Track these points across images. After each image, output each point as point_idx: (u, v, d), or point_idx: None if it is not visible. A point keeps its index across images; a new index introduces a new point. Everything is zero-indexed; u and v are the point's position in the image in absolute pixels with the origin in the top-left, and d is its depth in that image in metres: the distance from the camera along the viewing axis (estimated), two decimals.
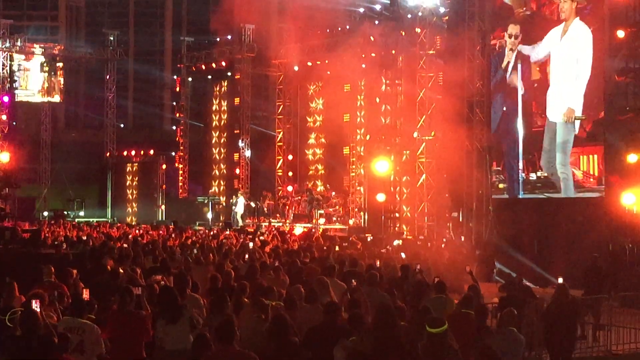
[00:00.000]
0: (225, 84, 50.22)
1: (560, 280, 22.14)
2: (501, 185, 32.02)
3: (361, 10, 39.87)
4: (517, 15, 31.18)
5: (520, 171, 30.81)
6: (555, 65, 30.20)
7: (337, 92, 42.28)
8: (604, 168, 28.60)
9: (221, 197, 48.97)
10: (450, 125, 32.66)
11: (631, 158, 27.07)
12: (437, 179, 35.10)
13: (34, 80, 52.85)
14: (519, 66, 31.01)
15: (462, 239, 32.82)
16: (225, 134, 50.53)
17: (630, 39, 27.46)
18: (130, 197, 53.99)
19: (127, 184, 54.19)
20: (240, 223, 41.87)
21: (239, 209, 43.46)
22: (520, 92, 31.19)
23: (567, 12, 29.65)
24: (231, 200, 44.84)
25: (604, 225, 27.50)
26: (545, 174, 30.05)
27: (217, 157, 51.13)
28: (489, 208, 32.03)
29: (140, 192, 53.46)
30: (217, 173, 51.01)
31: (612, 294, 24.39)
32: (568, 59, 29.65)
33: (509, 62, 32.00)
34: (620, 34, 27.62)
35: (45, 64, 52.86)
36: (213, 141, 51.45)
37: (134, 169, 53.85)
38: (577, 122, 29.11)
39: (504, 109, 31.95)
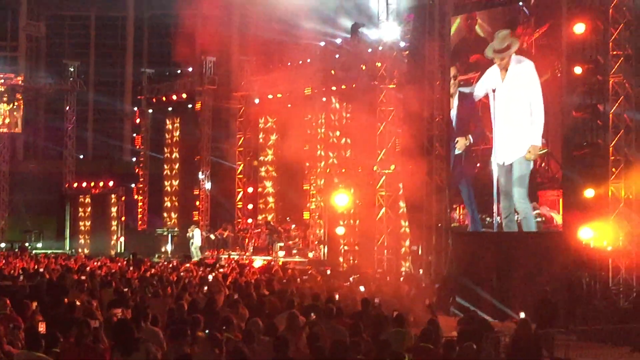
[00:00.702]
0: (186, 116, 50.11)
1: (522, 315, 22.28)
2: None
3: (322, 44, 40.03)
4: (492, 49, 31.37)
5: (495, 214, 30.72)
6: (501, 105, 30.52)
7: (297, 125, 42.37)
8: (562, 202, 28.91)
9: (180, 230, 48.71)
10: (410, 159, 32.83)
11: (588, 193, 27.32)
12: (396, 212, 35.22)
13: None
14: (493, 103, 31.03)
15: (421, 272, 32.89)
16: (185, 166, 50.38)
17: (587, 75, 27.77)
18: (84, 228, 53.70)
19: (81, 215, 53.91)
20: (199, 255, 41.74)
21: (196, 241, 43.39)
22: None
23: (505, 63, 30.25)
24: (188, 234, 44.66)
25: (563, 259, 27.68)
26: (522, 217, 30.06)
27: (177, 189, 50.94)
28: (448, 242, 32.12)
29: (94, 223, 53.14)
30: (177, 205, 50.81)
31: (570, 328, 24.61)
32: (515, 97, 30.09)
33: (450, 108, 32.40)
34: (578, 70, 27.93)
35: (4, 95, 52.58)
36: (172, 173, 51.29)
37: (89, 200, 53.59)
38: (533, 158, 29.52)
39: (458, 151, 32.12)
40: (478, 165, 31.56)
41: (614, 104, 27.03)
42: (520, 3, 30.17)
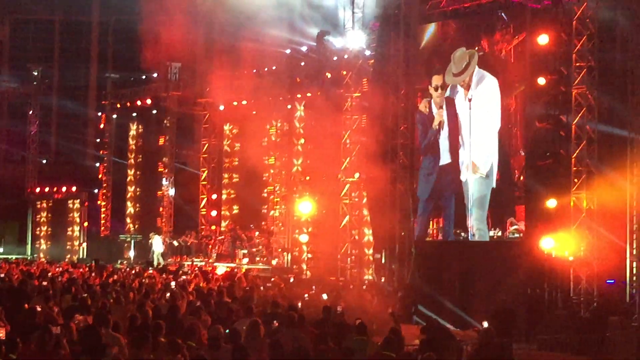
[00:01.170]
0: (150, 121, 49.93)
1: (485, 324, 22.38)
2: None
3: (288, 51, 40.05)
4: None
5: (470, 229, 30.77)
6: (464, 125, 30.66)
7: (262, 132, 42.40)
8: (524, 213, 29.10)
9: (143, 236, 48.47)
10: (374, 168, 32.87)
11: (551, 203, 27.52)
12: (360, 220, 35.26)
13: None
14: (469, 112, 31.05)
15: (383, 280, 32.92)
16: (148, 172, 50.18)
17: (551, 86, 28.00)
18: (46, 234, 53.35)
19: (43, 220, 53.59)
20: (161, 262, 41.58)
21: (157, 248, 43.19)
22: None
23: (467, 82, 30.40)
24: (149, 241, 44.49)
25: (525, 268, 27.82)
26: (499, 233, 30.13)
27: (140, 195, 50.71)
28: (412, 250, 32.17)
29: (55, 229, 52.80)
30: (140, 211, 50.58)
31: (531, 337, 24.76)
32: (476, 119, 30.17)
33: (441, 122, 31.70)
34: (541, 81, 28.17)
35: None
36: (136, 179, 51.06)
37: (51, 205, 53.25)
38: (494, 176, 29.61)
39: (441, 163, 31.86)
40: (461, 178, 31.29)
41: (576, 115, 27.24)
42: (503, 14, 30.13)
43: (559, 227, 27.11)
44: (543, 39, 28.03)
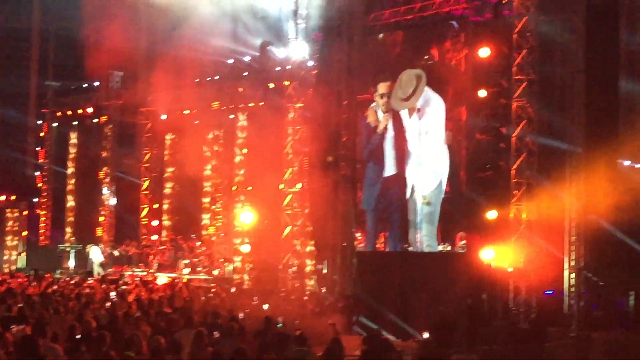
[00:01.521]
0: (91, 130, 49.47)
1: (426, 335, 22.51)
2: None
3: (230, 61, 39.98)
4: (418, 65, 31.16)
5: (419, 244, 30.73)
6: (413, 139, 30.68)
7: (204, 141, 42.23)
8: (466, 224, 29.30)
9: (83, 246, 47.97)
10: (316, 178, 32.91)
11: (491, 214, 27.74)
12: (302, 231, 35.24)
13: None
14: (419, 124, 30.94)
15: (324, 290, 32.93)
16: (89, 181, 49.68)
17: (491, 99, 28.25)
18: None
19: None
20: (101, 272, 41.22)
21: (95, 258, 42.81)
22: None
23: (414, 105, 30.33)
24: (87, 250, 44.09)
25: (465, 279, 27.97)
26: (449, 248, 30.18)
27: (81, 204, 50.17)
28: (353, 261, 32.21)
29: None
30: (80, 220, 50.03)
31: (470, 348, 24.87)
32: (423, 139, 30.24)
33: (385, 127, 31.64)
34: (482, 93, 28.40)
35: None
36: (76, 188, 50.51)
37: None
38: (443, 191, 29.71)
39: (385, 174, 31.91)
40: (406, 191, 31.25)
41: (516, 128, 27.54)
42: (454, 22, 30.11)
43: (499, 238, 27.34)
44: (484, 52, 28.26)
